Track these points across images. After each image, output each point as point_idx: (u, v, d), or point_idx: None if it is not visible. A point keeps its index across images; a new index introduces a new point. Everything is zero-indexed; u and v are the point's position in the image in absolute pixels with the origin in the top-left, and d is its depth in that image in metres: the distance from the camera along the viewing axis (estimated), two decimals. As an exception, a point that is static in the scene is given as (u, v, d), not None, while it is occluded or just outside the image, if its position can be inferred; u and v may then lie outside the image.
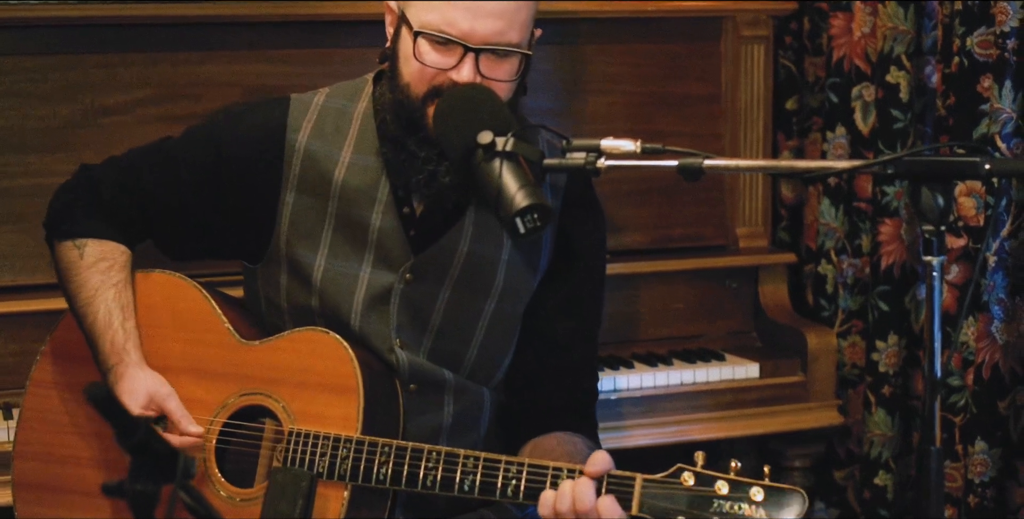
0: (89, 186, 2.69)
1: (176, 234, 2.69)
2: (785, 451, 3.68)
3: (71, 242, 2.65)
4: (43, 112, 3.27)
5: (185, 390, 2.60)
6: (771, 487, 2.23)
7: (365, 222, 2.57)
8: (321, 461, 2.46)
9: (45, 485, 2.65)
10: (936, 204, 2.08)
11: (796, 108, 3.90)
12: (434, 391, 2.62)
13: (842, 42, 3.66)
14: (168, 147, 2.68)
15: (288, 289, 2.62)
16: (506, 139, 2.26)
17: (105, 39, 3.30)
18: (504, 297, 2.63)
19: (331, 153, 2.58)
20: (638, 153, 2.24)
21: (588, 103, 3.63)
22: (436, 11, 2.43)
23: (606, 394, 3.40)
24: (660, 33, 3.68)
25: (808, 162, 2.18)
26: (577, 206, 2.68)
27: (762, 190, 3.75)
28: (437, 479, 2.41)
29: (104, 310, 2.60)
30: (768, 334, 3.69)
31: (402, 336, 2.60)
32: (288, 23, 3.41)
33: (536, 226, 2.24)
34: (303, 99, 2.63)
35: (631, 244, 3.67)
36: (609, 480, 2.29)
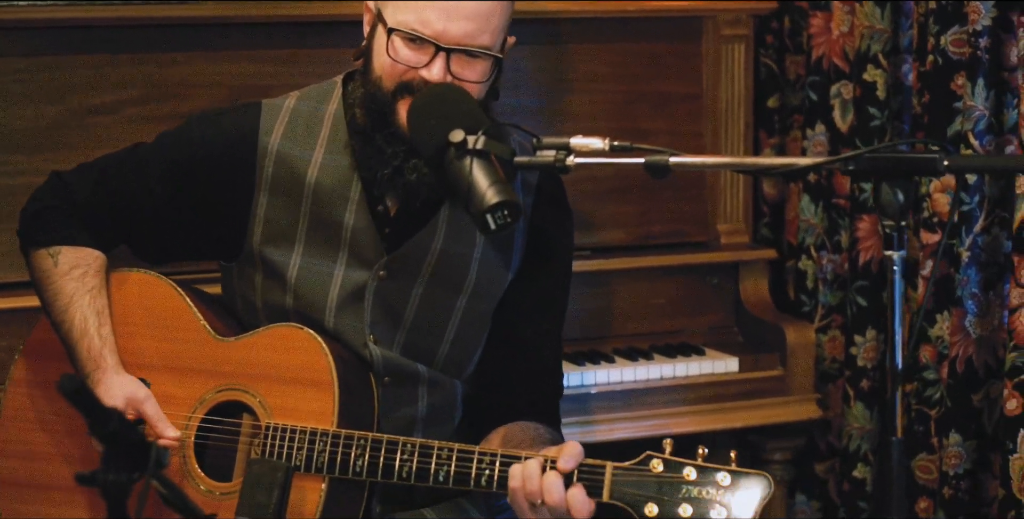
0: (62, 193, 2.73)
1: (150, 238, 2.73)
2: (765, 444, 3.72)
3: (45, 250, 2.70)
4: (30, 112, 3.31)
5: (162, 387, 2.64)
6: (737, 472, 2.31)
7: (338, 221, 2.62)
8: (298, 454, 2.51)
9: (26, 482, 2.69)
10: (896, 200, 2.13)
11: (777, 106, 3.95)
12: (408, 384, 2.67)
13: (821, 41, 3.71)
14: (140, 152, 2.73)
15: (263, 288, 2.67)
16: (476, 137, 2.31)
17: (92, 40, 3.34)
18: (477, 294, 2.68)
19: (303, 154, 2.63)
20: (607, 151, 2.29)
21: (570, 102, 3.67)
22: (412, 11, 2.49)
23: (586, 388, 3.45)
24: (642, 33, 3.72)
25: (772, 159, 2.24)
26: (549, 205, 2.73)
27: (743, 187, 3.79)
28: (412, 470, 2.46)
29: (80, 317, 2.64)
30: (749, 329, 3.74)
31: (376, 332, 2.65)
32: (273, 24, 3.45)
33: (506, 222, 2.29)
34: (274, 103, 2.69)
35: (612, 241, 3.71)
36: (580, 469, 2.35)
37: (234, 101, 3.28)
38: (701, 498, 2.29)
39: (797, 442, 3.74)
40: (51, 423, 2.71)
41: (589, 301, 3.65)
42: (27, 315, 3.01)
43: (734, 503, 2.29)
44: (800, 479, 3.90)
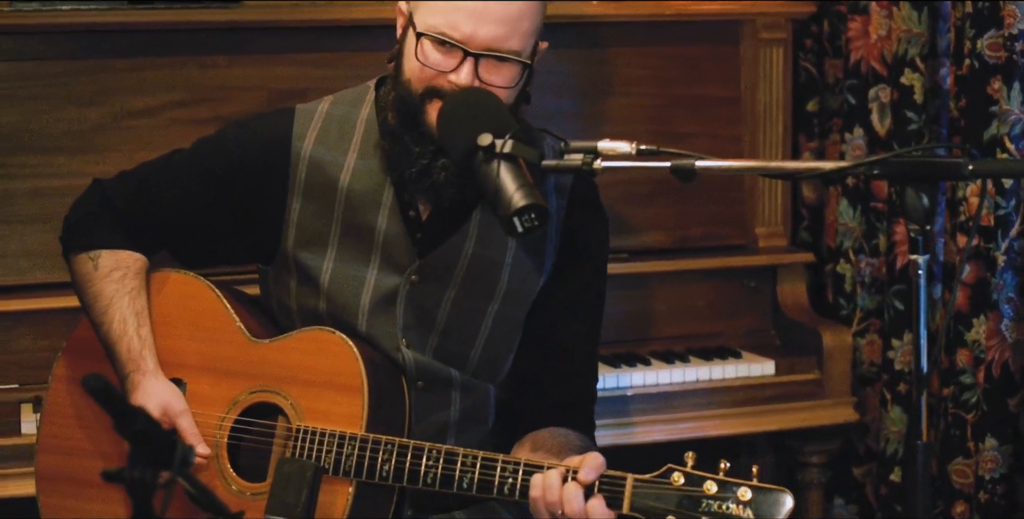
0: (102, 200, 2.77)
1: (188, 243, 2.76)
2: (802, 447, 3.72)
3: (85, 255, 2.73)
4: (72, 115, 3.37)
5: (198, 387, 2.67)
6: (758, 487, 2.30)
7: (371, 226, 2.64)
8: (327, 457, 2.53)
9: (66, 477, 2.73)
10: (921, 204, 2.13)
11: (817, 110, 3.95)
12: (441, 388, 2.69)
13: (859, 44, 3.71)
14: (177, 159, 2.77)
15: (297, 291, 2.70)
16: (504, 141, 2.32)
17: (133, 44, 3.39)
18: (508, 299, 2.70)
19: (336, 159, 2.66)
20: (634, 154, 2.30)
21: (609, 105, 3.69)
22: (441, 14, 2.50)
23: (621, 390, 3.46)
24: (680, 36, 3.73)
25: (798, 163, 2.24)
26: (582, 208, 2.74)
27: (781, 190, 3.79)
28: (437, 476, 2.48)
29: (119, 318, 2.67)
30: (786, 332, 3.74)
31: (408, 336, 2.66)
32: (312, 28, 3.48)
33: (534, 225, 2.30)
34: (308, 108, 2.71)
35: (651, 244, 3.72)
36: (601, 480, 2.36)
37: (273, 104, 3.32)
38: (721, 512, 2.28)
39: (834, 445, 3.74)
40: (90, 420, 2.74)
41: (627, 304, 3.67)
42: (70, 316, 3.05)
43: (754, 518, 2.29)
44: (838, 482, 3.90)
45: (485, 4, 2.49)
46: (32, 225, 3.33)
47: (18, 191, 3.34)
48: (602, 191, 3.61)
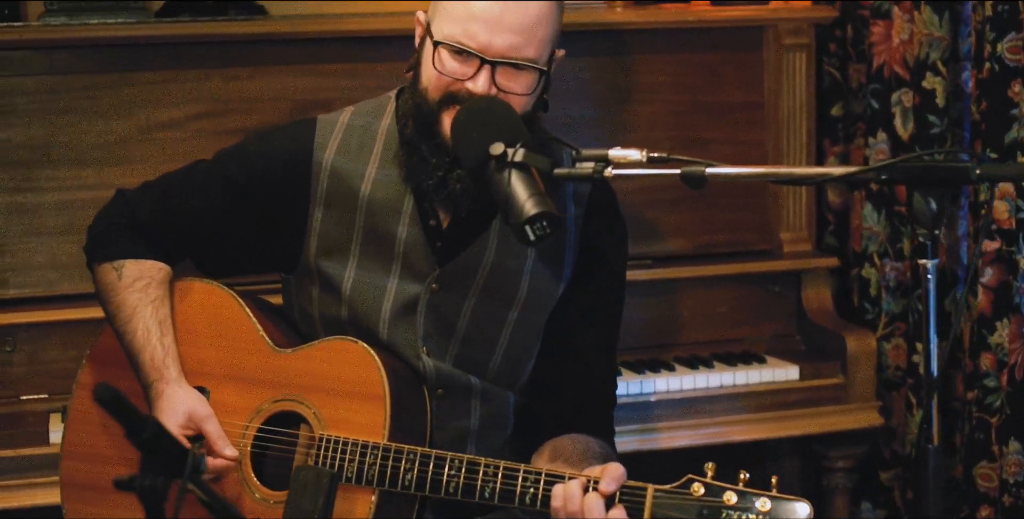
0: (125, 210, 2.80)
1: (210, 252, 2.80)
2: (827, 452, 3.72)
3: (109, 264, 2.77)
4: (99, 128, 3.41)
5: (221, 396, 2.70)
6: (777, 497, 2.30)
7: (391, 235, 2.67)
8: (350, 466, 2.55)
9: (89, 483, 2.76)
10: (929, 209, 2.14)
11: (841, 114, 3.95)
12: (461, 396, 2.71)
13: (882, 49, 3.71)
14: (199, 170, 2.80)
15: (319, 300, 2.72)
16: (515, 150, 2.34)
17: (158, 57, 3.43)
18: (528, 306, 2.72)
19: (356, 169, 2.68)
20: (644, 162, 2.31)
21: (631, 112, 3.70)
22: (458, 23, 2.53)
23: (645, 396, 3.47)
24: (702, 43, 3.74)
25: (805, 169, 2.25)
26: (600, 217, 2.76)
27: (806, 196, 3.80)
28: (459, 486, 2.50)
29: (142, 327, 2.70)
30: (811, 337, 3.74)
31: (428, 344, 2.69)
32: (335, 39, 3.51)
33: (546, 233, 2.32)
34: (329, 118, 2.74)
35: (675, 250, 3.73)
36: (621, 491, 2.37)
37: (297, 115, 3.35)
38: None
39: (859, 450, 3.73)
40: (113, 427, 2.73)
41: (651, 310, 3.68)
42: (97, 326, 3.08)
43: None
44: (866, 487, 3.89)
45: (502, 12, 2.51)
46: (60, 237, 3.37)
47: (46, 204, 3.38)
48: (627, 197, 3.65)
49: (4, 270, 3.37)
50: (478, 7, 2.52)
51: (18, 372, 3.34)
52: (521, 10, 2.52)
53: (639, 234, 3.69)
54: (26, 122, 3.37)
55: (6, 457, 3.18)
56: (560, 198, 2.69)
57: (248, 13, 3.69)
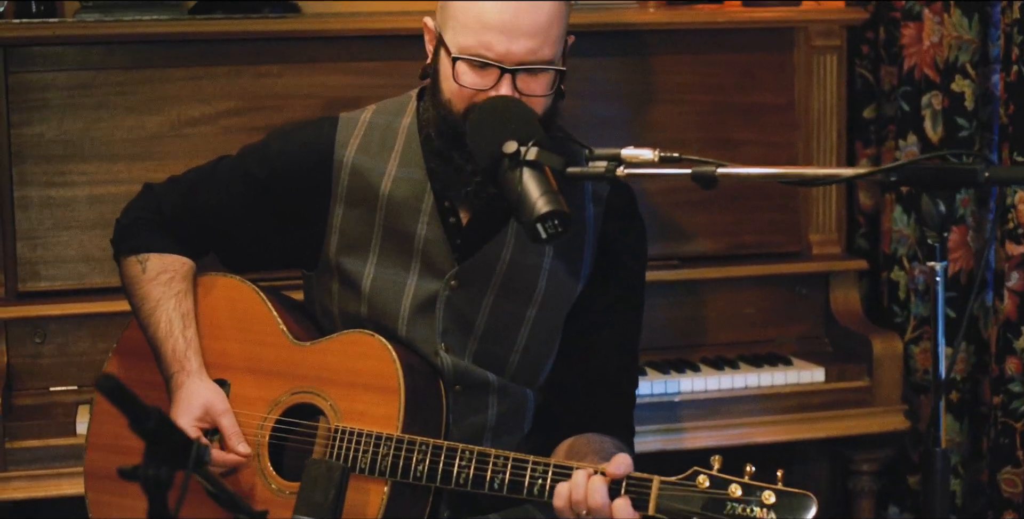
0: (152, 204, 2.84)
1: (233, 247, 2.83)
2: (852, 455, 3.71)
3: (134, 257, 2.80)
4: (131, 123, 3.45)
5: (241, 388, 2.73)
6: (782, 491, 2.30)
7: (411, 232, 2.69)
8: (364, 457, 2.58)
9: (113, 474, 2.79)
10: (937, 211, 2.14)
11: (873, 116, 3.94)
12: (479, 392, 2.73)
13: (913, 51, 3.70)
14: (224, 165, 2.83)
15: (339, 296, 2.75)
16: (527, 148, 2.36)
17: (190, 53, 3.47)
18: (546, 304, 2.73)
19: (377, 167, 2.71)
20: (656, 161, 2.32)
21: (660, 113, 3.70)
22: (473, 35, 2.53)
23: (669, 396, 3.48)
24: (732, 44, 3.74)
25: (816, 169, 2.25)
26: (619, 217, 2.76)
27: (836, 197, 3.79)
28: (469, 477, 2.52)
29: (165, 319, 2.74)
30: (839, 340, 3.73)
31: (447, 340, 2.71)
32: (365, 37, 3.54)
33: (557, 231, 2.32)
34: (351, 116, 2.76)
35: (703, 251, 3.73)
36: (628, 482, 2.38)
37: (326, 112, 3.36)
38: (745, 515, 2.29)
39: (885, 453, 3.72)
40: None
41: (678, 310, 3.68)
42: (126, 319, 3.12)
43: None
44: (894, 491, 3.88)
45: (515, 18, 2.51)
46: (91, 231, 3.42)
47: (78, 198, 3.43)
48: (655, 198, 3.67)
49: (36, 263, 3.42)
50: (491, 16, 2.51)
51: (48, 363, 3.39)
52: (534, 13, 2.52)
53: (667, 234, 3.70)
54: (59, 117, 3.42)
55: (34, 447, 3.23)
56: (578, 197, 2.70)
57: (282, 11, 3.72)
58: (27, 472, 3.23)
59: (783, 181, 2.27)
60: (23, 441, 3.23)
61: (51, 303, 3.39)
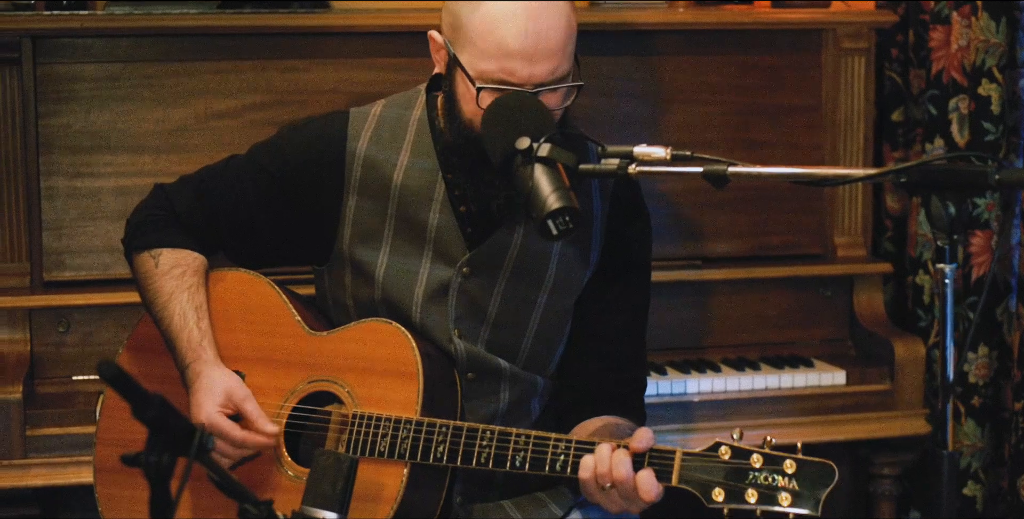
0: (163, 203, 2.86)
1: (245, 244, 2.84)
2: (873, 459, 3.70)
3: (147, 253, 2.82)
4: (158, 115, 3.48)
5: (256, 379, 2.75)
6: (803, 460, 2.34)
7: (423, 221, 2.71)
8: (383, 441, 2.60)
9: (121, 468, 2.80)
10: (947, 213, 2.13)
11: (902, 120, 3.93)
12: (491, 379, 2.76)
13: (941, 54, 3.68)
14: (235, 163, 2.85)
15: (353, 287, 2.77)
16: (539, 144, 2.37)
17: (217, 47, 3.50)
18: (556, 289, 2.76)
19: (389, 158, 2.73)
20: (668, 159, 2.32)
21: (685, 113, 3.70)
22: (494, 61, 2.52)
23: (688, 396, 3.48)
24: (760, 45, 3.74)
25: (826, 169, 2.24)
26: (624, 209, 2.78)
27: (862, 200, 3.78)
28: (491, 456, 2.54)
29: (179, 312, 2.76)
30: (862, 343, 3.73)
31: (460, 327, 2.73)
32: (391, 33, 3.55)
33: (568, 228, 2.34)
34: (361, 111, 2.79)
35: (728, 251, 3.73)
36: (651, 454, 2.41)
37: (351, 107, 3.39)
38: (767, 484, 2.33)
39: (906, 457, 3.71)
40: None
41: (700, 311, 3.68)
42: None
43: (799, 490, 2.32)
44: (916, 495, 3.87)
45: (536, 44, 2.50)
46: (117, 222, 3.43)
47: (104, 189, 3.46)
48: (679, 198, 3.67)
49: (61, 252, 3.45)
50: (512, 43, 2.50)
51: (71, 352, 3.42)
52: (552, 34, 2.51)
53: (690, 235, 3.70)
54: (87, 108, 3.45)
55: (55, 435, 3.26)
56: (585, 187, 2.72)
57: (311, 6, 3.73)
58: (47, 460, 3.25)
59: (795, 181, 2.27)
60: (44, 429, 3.26)
61: (75, 293, 3.42)
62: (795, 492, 2.31)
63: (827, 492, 2.32)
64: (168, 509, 1.90)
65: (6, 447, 3.24)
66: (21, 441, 3.24)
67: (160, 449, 1.91)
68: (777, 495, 2.32)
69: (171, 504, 1.90)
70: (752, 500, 2.33)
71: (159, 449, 1.91)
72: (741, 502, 2.33)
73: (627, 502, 2.44)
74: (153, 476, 1.90)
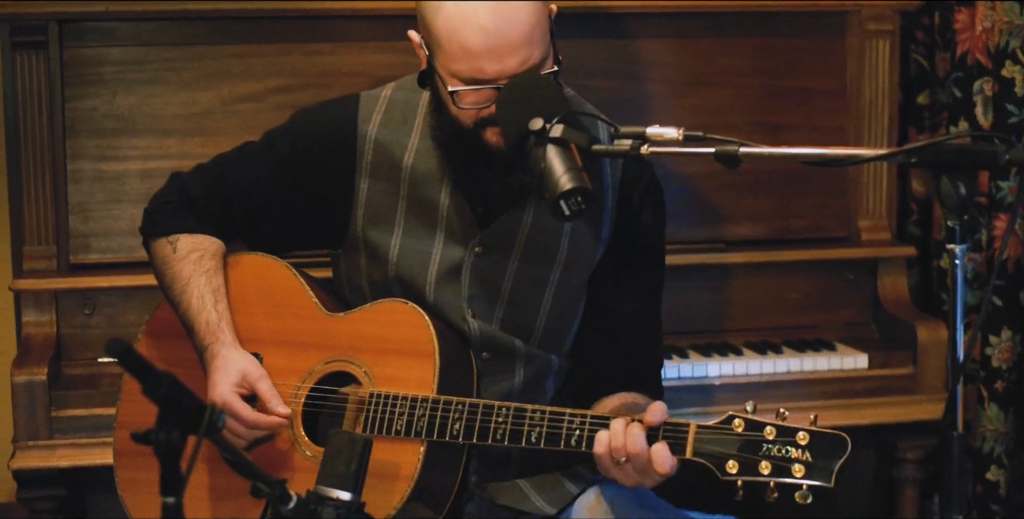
0: (180, 190, 2.89)
1: (262, 229, 2.87)
2: (896, 443, 3.69)
3: (164, 239, 2.85)
4: (183, 99, 3.51)
5: (274, 360, 2.77)
6: (816, 432, 2.35)
7: (434, 202, 2.73)
8: (399, 420, 2.62)
9: (139, 452, 2.83)
10: (957, 194, 2.13)
11: (927, 103, 3.91)
12: (505, 358, 2.77)
13: (965, 37, 3.67)
14: (249, 149, 2.88)
15: (367, 269, 2.79)
16: (552, 125, 2.37)
17: (241, 31, 3.52)
18: (569, 267, 2.77)
19: (399, 140, 2.74)
20: (680, 140, 2.33)
21: (708, 96, 3.70)
22: (464, 61, 2.52)
23: (710, 379, 3.48)
24: (784, 27, 3.74)
25: (837, 150, 2.24)
26: (636, 185, 2.79)
27: (886, 183, 3.77)
28: (506, 432, 2.56)
29: (197, 295, 2.78)
30: (885, 327, 3.72)
31: (474, 306, 2.75)
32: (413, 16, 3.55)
33: (580, 208, 2.35)
34: (372, 94, 2.81)
35: (751, 234, 3.73)
36: (665, 427, 2.43)
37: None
38: (780, 456, 2.34)
39: (930, 442, 3.70)
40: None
41: (723, 294, 3.68)
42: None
43: (813, 462, 2.33)
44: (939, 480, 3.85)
45: (500, 39, 2.49)
46: (142, 205, 3.36)
47: (129, 172, 3.49)
48: (703, 181, 3.67)
49: (87, 235, 3.48)
50: (475, 42, 2.49)
51: (96, 334, 3.45)
52: (514, 28, 2.49)
53: (713, 218, 3.69)
54: (112, 92, 3.48)
55: (80, 416, 3.30)
56: (597, 165, 2.72)
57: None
58: (72, 440, 3.29)
59: (806, 162, 2.26)
60: (69, 410, 3.29)
61: (101, 275, 3.45)
62: (808, 464, 2.32)
63: (840, 463, 2.33)
64: (178, 486, 1.92)
65: (32, 428, 3.27)
66: (47, 422, 3.27)
67: (170, 427, 1.93)
68: (791, 467, 2.33)
69: (181, 481, 1.92)
70: (766, 472, 2.33)
71: (169, 427, 1.93)
72: (755, 474, 2.34)
73: (642, 476, 2.45)
74: (163, 453, 1.92)
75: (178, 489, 1.92)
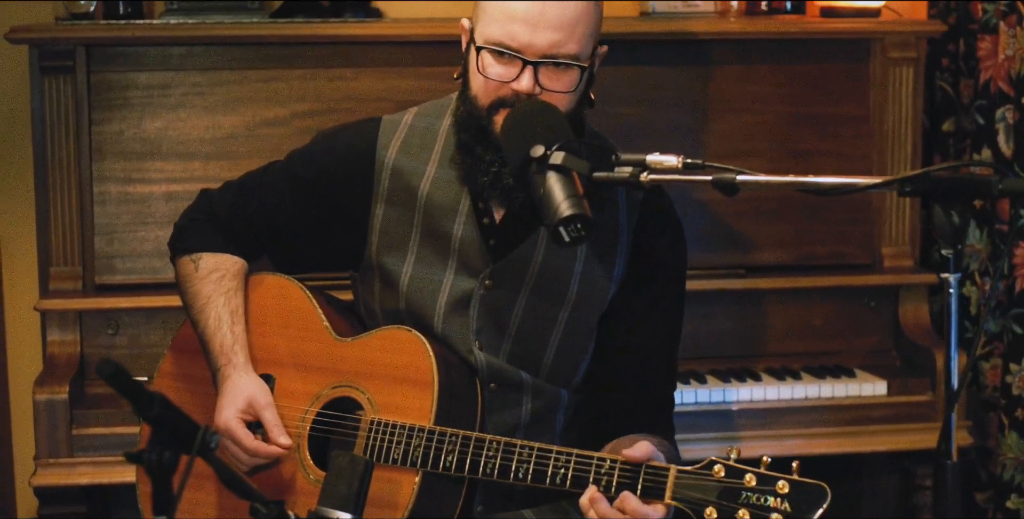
0: (207, 208, 2.93)
1: (284, 248, 2.90)
2: (916, 470, 3.68)
3: (188, 257, 2.89)
4: (208, 123, 3.55)
5: (286, 382, 2.80)
6: (796, 481, 2.34)
7: (448, 232, 2.75)
8: (396, 448, 2.64)
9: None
10: (950, 223, 2.13)
11: (953, 130, 3.91)
12: (513, 391, 2.77)
13: (988, 64, 3.67)
14: (274, 168, 2.92)
15: (380, 294, 2.81)
16: (552, 152, 2.39)
17: (266, 56, 3.57)
18: (578, 306, 2.77)
19: (417, 168, 2.77)
20: (679, 168, 2.34)
21: (731, 122, 3.71)
22: (498, 25, 2.59)
23: (727, 405, 3.49)
24: (807, 54, 3.74)
25: (831, 179, 2.25)
26: (654, 220, 2.78)
27: (910, 210, 3.77)
28: (495, 467, 2.57)
29: (215, 316, 2.82)
30: (906, 353, 3.71)
31: (481, 338, 2.76)
32: (440, 42, 3.60)
33: (580, 235, 2.36)
34: (393, 119, 2.83)
35: (773, 260, 3.73)
36: (646, 470, 2.43)
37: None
38: (759, 504, 2.33)
39: (950, 470, 3.68)
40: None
41: (743, 319, 3.69)
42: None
43: (791, 512, 2.32)
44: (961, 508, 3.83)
45: (542, 10, 2.56)
46: (166, 227, 3.45)
47: (154, 194, 3.54)
48: (724, 207, 3.67)
49: (112, 256, 3.53)
50: (517, 7, 2.57)
51: (120, 354, 3.49)
52: (561, 7, 2.57)
53: (734, 243, 3.70)
54: (139, 115, 3.53)
55: (102, 434, 3.35)
56: (612, 202, 2.74)
57: (364, 15, 3.79)
58: (93, 458, 3.34)
59: (802, 190, 2.27)
60: (91, 428, 3.34)
61: (125, 296, 3.50)
62: (787, 513, 2.31)
63: (819, 514, 2.31)
64: (169, 505, 1.95)
65: (54, 445, 3.33)
66: (68, 440, 3.32)
67: (162, 447, 1.96)
68: (769, 516, 2.32)
69: (173, 500, 1.95)
70: None
71: (161, 447, 1.96)
72: None
73: None
74: (154, 472, 1.95)
75: (169, 508, 1.95)
